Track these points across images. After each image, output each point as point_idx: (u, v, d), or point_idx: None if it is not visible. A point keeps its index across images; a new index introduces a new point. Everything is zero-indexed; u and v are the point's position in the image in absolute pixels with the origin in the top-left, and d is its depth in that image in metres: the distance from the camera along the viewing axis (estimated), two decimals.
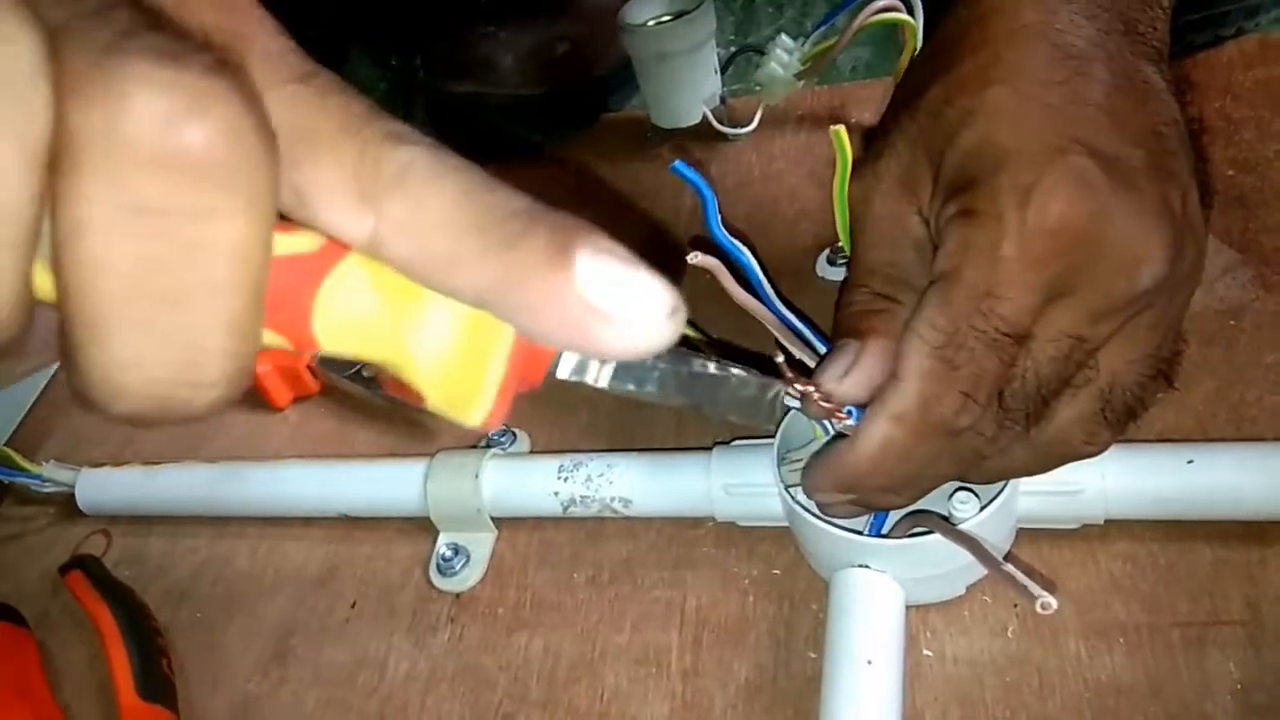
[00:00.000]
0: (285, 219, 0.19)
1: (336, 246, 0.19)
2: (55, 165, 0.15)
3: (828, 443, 0.33)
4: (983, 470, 0.32)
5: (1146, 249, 0.28)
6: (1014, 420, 0.30)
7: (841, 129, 0.32)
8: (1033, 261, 0.28)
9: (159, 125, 0.15)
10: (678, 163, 0.31)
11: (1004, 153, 0.29)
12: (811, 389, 0.31)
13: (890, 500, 0.33)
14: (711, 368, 0.27)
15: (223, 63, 0.16)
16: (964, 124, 0.30)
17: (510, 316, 0.18)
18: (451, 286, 0.18)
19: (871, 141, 0.34)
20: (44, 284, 0.16)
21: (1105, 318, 0.28)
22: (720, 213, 0.32)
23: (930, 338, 0.29)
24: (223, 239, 0.16)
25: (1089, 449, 0.32)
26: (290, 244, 0.19)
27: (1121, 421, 0.31)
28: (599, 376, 0.23)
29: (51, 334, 0.17)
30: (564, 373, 0.22)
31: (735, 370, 0.28)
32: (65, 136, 0.15)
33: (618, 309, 0.18)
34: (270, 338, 0.19)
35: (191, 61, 0.16)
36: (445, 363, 0.20)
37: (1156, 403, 0.32)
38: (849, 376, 0.31)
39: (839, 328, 0.33)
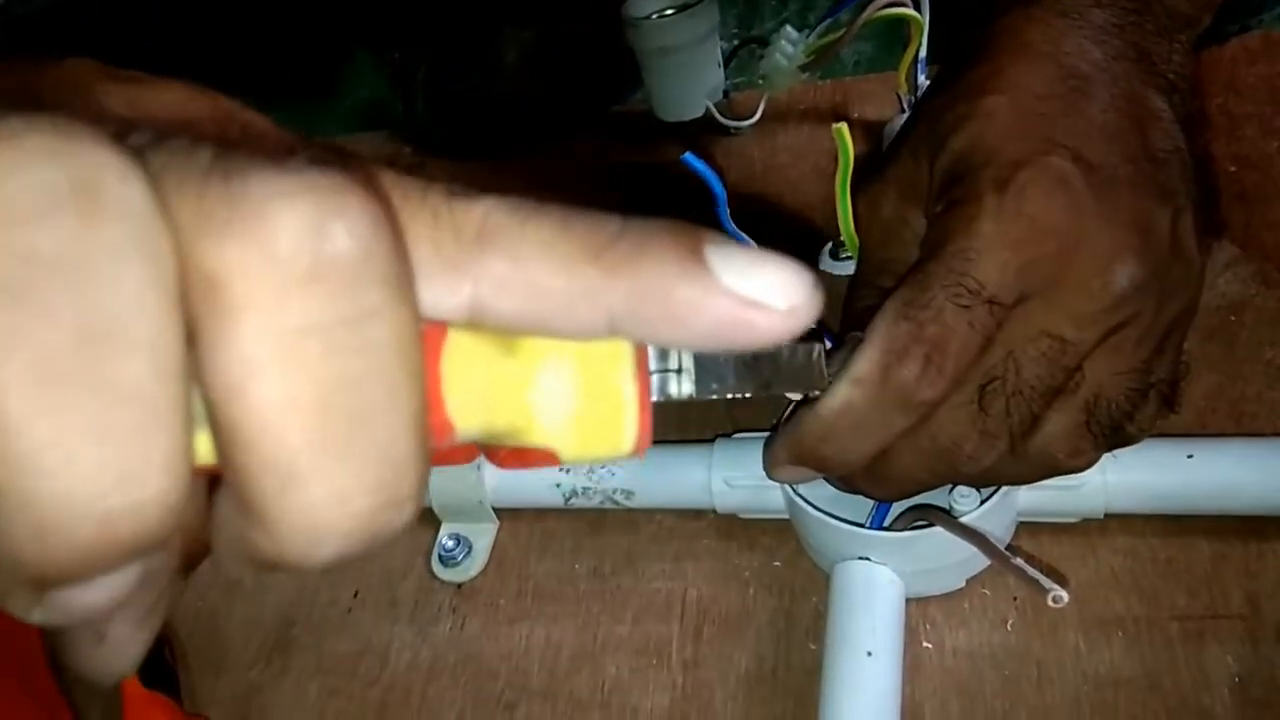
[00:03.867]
0: None
1: (434, 327, 0.17)
2: (196, 314, 0.14)
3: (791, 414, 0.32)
4: (967, 477, 0.32)
5: (1120, 252, 0.28)
6: (997, 432, 0.29)
7: (844, 126, 0.33)
8: (1007, 241, 0.28)
9: (309, 237, 0.14)
10: (688, 154, 0.31)
11: (990, 152, 0.30)
12: None
13: (865, 488, 0.33)
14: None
15: (325, 152, 0.15)
16: (957, 128, 0.31)
17: (651, 333, 0.17)
18: (575, 324, 0.17)
19: (887, 150, 0.35)
20: (201, 448, 0.15)
21: (1087, 322, 0.28)
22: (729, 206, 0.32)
23: (901, 298, 0.29)
24: (388, 335, 0.15)
25: (1073, 463, 0.31)
26: None
27: (1107, 437, 0.31)
28: (680, 387, 0.21)
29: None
30: (652, 394, 0.20)
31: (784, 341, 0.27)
32: (201, 278, 0.14)
33: (769, 295, 0.17)
34: None
35: (302, 159, 0.14)
36: (574, 408, 0.18)
37: (1155, 427, 0.31)
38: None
39: (845, 324, 0.33)
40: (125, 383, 0.13)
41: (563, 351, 0.18)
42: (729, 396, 0.23)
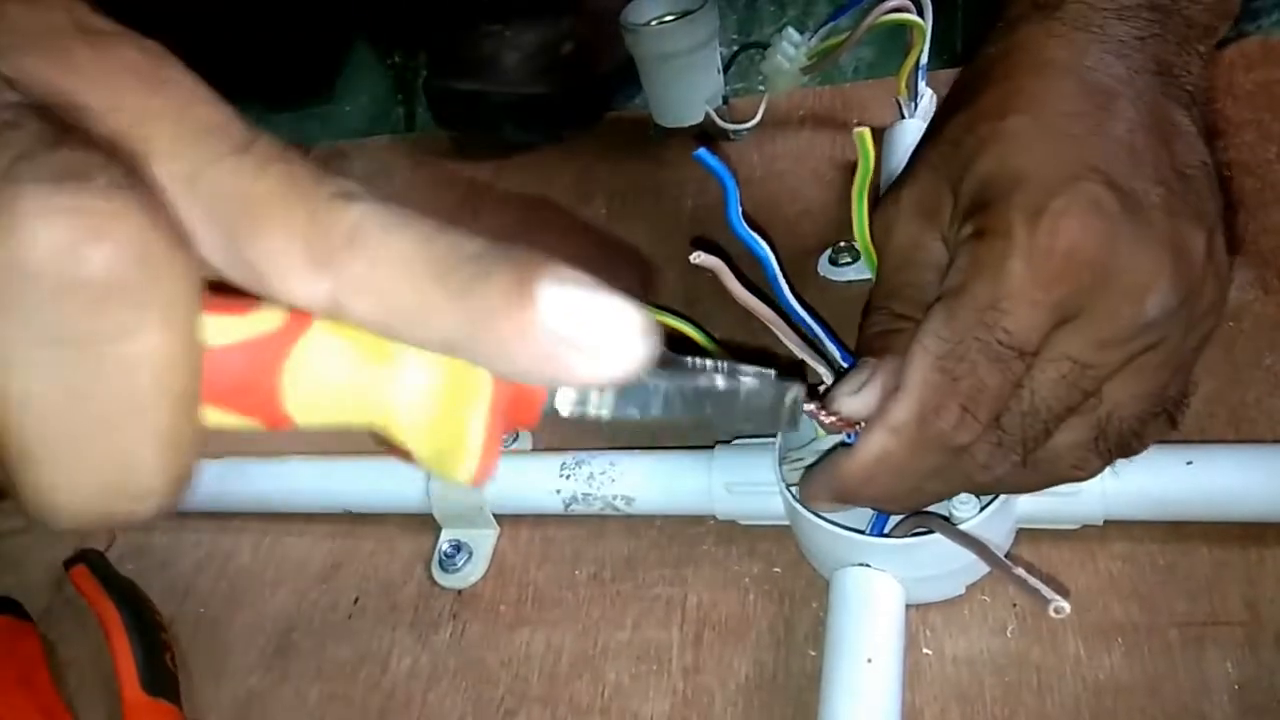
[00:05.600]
0: (244, 295, 0.18)
1: (301, 317, 0.18)
2: None
3: (828, 452, 0.33)
4: (977, 486, 0.32)
5: (1154, 279, 0.28)
6: (1009, 445, 0.29)
7: (865, 131, 0.32)
8: (1040, 280, 0.27)
9: (60, 254, 0.15)
10: (701, 150, 0.31)
11: (1019, 176, 0.29)
12: (816, 408, 0.32)
13: (886, 508, 0.33)
14: (720, 380, 0.24)
15: (129, 174, 0.16)
16: (982, 150, 0.30)
17: (482, 359, 0.18)
18: (420, 337, 0.18)
19: (902, 171, 0.34)
20: None
21: (1111, 346, 0.28)
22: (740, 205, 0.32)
23: (933, 348, 0.29)
24: (144, 355, 0.16)
25: (1077, 474, 0.31)
26: (249, 327, 0.18)
27: (1114, 453, 0.31)
28: (600, 406, 0.22)
29: None
30: (564, 409, 0.22)
31: (747, 378, 0.25)
32: None
33: (586, 336, 0.17)
34: (239, 421, 0.19)
35: (92, 180, 0.15)
36: (428, 416, 0.19)
37: (1155, 440, 0.32)
38: (860, 394, 0.31)
39: (859, 348, 0.33)
40: None
41: (431, 363, 0.19)
42: (659, 421, 0.23)
